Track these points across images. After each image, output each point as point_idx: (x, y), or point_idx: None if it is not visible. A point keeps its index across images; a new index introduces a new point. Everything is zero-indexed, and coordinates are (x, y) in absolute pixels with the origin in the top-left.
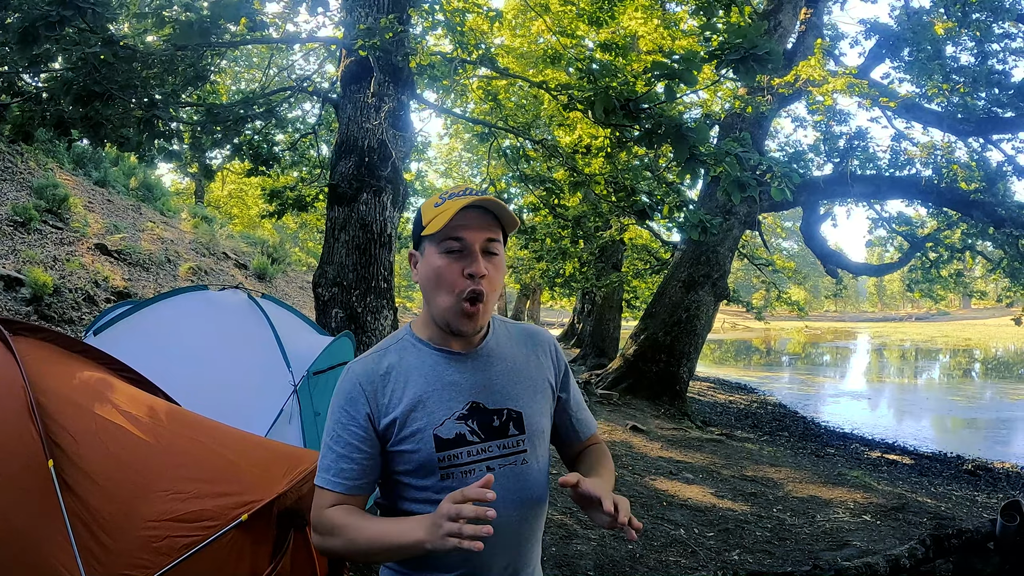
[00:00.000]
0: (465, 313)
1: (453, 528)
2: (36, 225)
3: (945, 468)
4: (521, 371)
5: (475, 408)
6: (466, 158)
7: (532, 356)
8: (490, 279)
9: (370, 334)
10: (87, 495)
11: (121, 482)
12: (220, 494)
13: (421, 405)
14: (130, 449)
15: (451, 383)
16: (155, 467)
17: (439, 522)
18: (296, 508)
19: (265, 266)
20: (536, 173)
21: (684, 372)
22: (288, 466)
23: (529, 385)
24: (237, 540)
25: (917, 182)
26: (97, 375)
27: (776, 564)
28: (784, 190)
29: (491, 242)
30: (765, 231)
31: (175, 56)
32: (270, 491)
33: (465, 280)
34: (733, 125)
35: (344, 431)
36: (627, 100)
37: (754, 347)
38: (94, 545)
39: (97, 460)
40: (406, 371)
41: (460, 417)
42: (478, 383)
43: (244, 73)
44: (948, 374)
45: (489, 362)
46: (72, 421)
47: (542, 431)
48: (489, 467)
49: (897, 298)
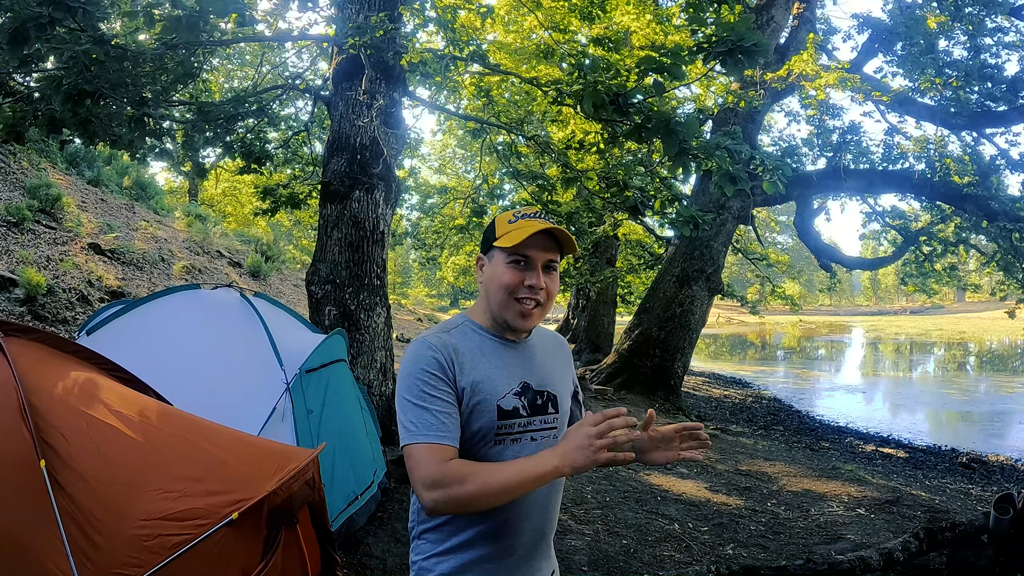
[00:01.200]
0: (523, 314)
1: (606, 443)
2: (29, 225)
3: (939, 461)
4: (554, 363)
5: (526, 387)
6: (460, 154)
7: (558, 354)
8: (547, 291)
9: (363, 331)
10: (79, 494)
11: (112, 481)
12: (210, 492)
13: (487, 379)
14: (121, 448)
15: (508, 364)
16: (146, 466)
17: (586, 443)
18: (286, 506)
19: (259, 264)
20: (529, 169)
21: (678, 367)
22: (278, 464)
23: (559, 375)
24: (228, 538)
25: (910, 176)
26: (89, 375)
27: (770, 558)
28: (777, 184)
29: (551, 262)
30: (759, 225)
31: (165, 54)
32: (260, 489)
33: (526, 289)
34: (726, 120)
35: (436, 391)
36: (616, 95)
37: (749, 341)
38: (86, 544)
39: (88, 460)
40: (470, 350)
41: (516, 393)
42: (527, 367)
43: (237, 71)
44: (943, 367)
45: (533, 352)
46: (64, 421)
47: (567, 412)
48: (533, 438)
49: (891, 292)
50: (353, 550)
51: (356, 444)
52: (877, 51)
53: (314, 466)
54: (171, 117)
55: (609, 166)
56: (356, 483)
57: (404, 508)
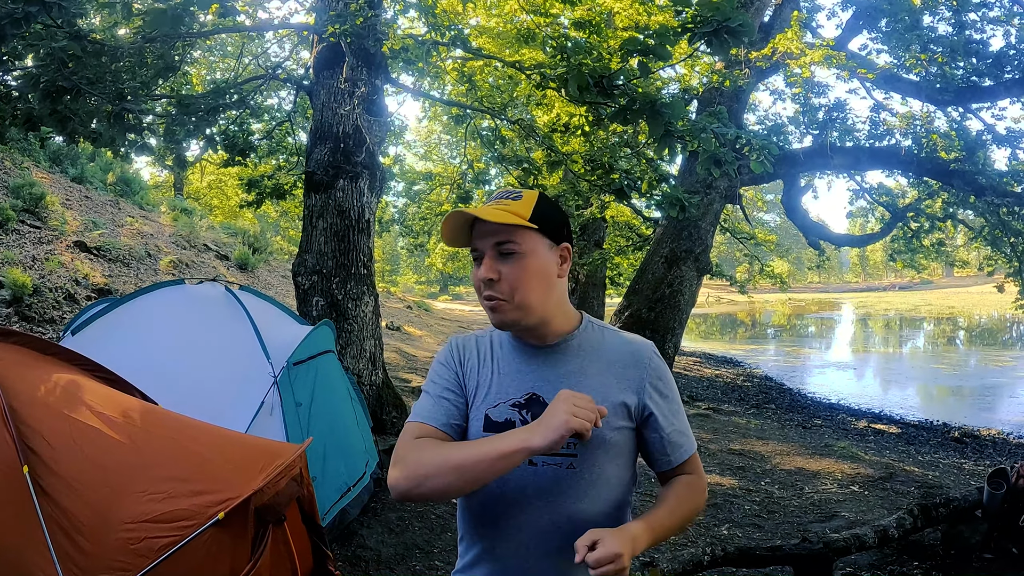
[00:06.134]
0: (492, 310)
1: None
2: (13, 225)
3: (932, 436)
4: (595, 376)
5: (533, 399)
6: (445, 140)
7: (615, 367)
8: (505, 279)
9: (351, 321)
10: (63, 499)
11: (97, 485)
12: (196, 492)
13: (486, 384)
14: (105, 451)
15: (517, 371)
16: (130, 468)
17: (561, 410)
18: (274, 504)
19: (247, 256)
20: (514, 153)
21: (669, 348)
22: (265, 461)
23: (600, 393)
24: (215, 538)
25: (897, 152)
26: (71, 377)
27: (766, 538)
28: (763, 163)
29: (500, 244)
30: (746, 204)
31: (144, 48)
32: (246, 487)
33: (484, 284)
34: (711, 100)
35: (440, 379)
36: (601, 77)
37: (739, 320)
38: (72, 550)
39: (72, 464)
40: (485, 352)
41: (515, 404)
42: (542, 377)
43: (219, 63)
44: (932, 343)
45: (561, 360)
46: (46, 425)
47: (605, 442)
48: (531, 461)
49: (880, 268)
50: (347, 542)
51: (347, 435)
52: (862, 28)
53: (301, 461)
54: (151, 111)
55: (594, 149)
56: (348, 474)
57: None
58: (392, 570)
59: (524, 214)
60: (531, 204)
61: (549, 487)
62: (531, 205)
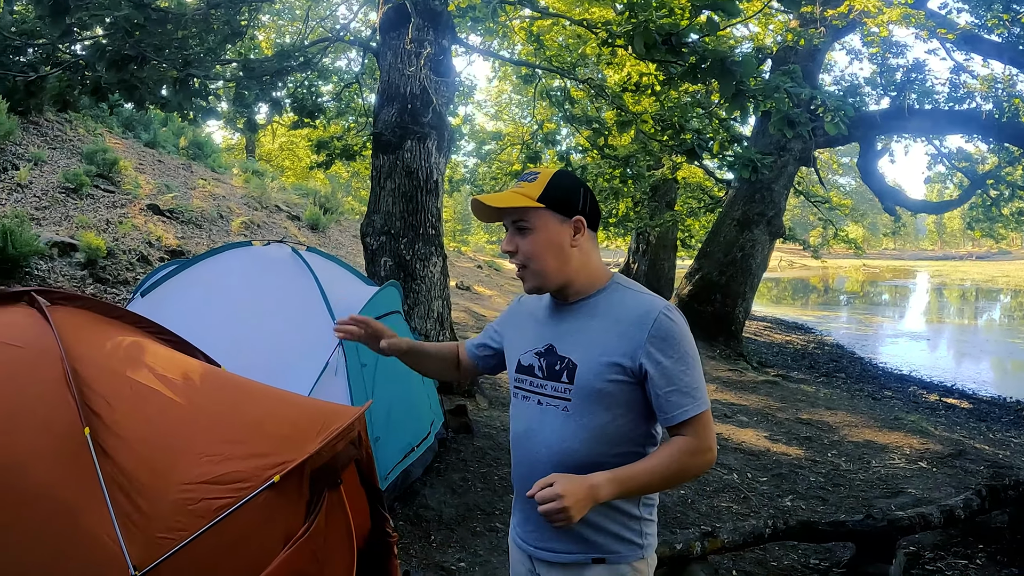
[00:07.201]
0: (518, 275)
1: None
2: (88, 190)
3: (1004, 413)
4: (597, 333)
5: (550, 349)
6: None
7: (620, 326)
8: (521, 251)
9: (419, 281)
10: (123, 460)
11: (156, 446)
12: (252, 455)
13: (514, 335)
14: (164, 412)
15: (544, 325)
16: (189, 430)
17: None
18: (330, 467)
19: (318, 216)
20: (584, 113)
21: (739, 312)
22: (322, 424)
23: (598, 348)
24: (270, 501)
25: (977, 116)
26: (134, 339)
27: (829, 511)
28: (839, 124)
29: (515, 222)
30: (821, 167)
31: (209, 15)
32: (302, 451)
33: (509, 255)
34: (785, 59)
35: (496, 322)
36: (668, 34)
37: (811, 286)
38: (131, 509)
39: (132, 425)
40: (534, 307)
41: (537, 353)
42: (559, 331)
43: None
44: (1009, 315)
45: (574, 316)
46: (107, 387)
47: (596, 391)
48: (540, 401)
49: (957, 236)
50: (409, 501)
51: (412, 395)
52: None
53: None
54: (220, 76)
55: (665, 108)
56: (412, 435)
57: (461, 458)
58: (453, 531)
59: (533, 195)
60: (543, 184)
61: (549, 426)
62: (543, 186)
